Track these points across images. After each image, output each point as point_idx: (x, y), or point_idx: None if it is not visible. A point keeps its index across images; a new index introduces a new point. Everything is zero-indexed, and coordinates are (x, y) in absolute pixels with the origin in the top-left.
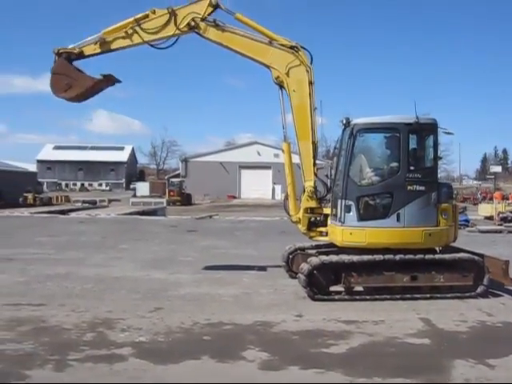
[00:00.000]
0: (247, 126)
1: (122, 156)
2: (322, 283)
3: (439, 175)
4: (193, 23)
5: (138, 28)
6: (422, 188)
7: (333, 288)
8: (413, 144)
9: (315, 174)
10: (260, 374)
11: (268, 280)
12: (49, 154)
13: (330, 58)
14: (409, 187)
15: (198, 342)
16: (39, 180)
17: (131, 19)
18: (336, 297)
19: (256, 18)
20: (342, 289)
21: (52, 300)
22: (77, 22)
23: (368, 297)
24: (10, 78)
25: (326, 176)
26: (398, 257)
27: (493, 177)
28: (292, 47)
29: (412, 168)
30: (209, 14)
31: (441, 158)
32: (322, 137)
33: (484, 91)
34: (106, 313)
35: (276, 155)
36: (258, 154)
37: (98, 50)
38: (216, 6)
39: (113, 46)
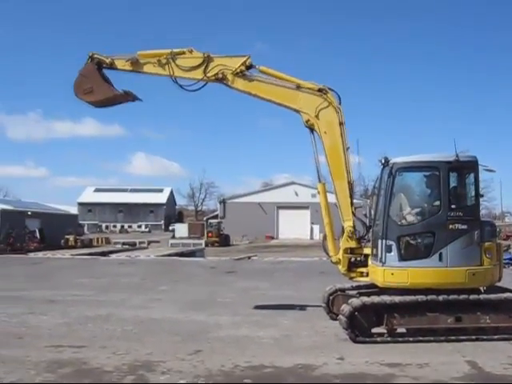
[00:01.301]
0: (284, 167)
1: (161, 198)
2: (363, 325)
3: (481, 213)
4: (221, 75)
5: (171, 60)
6: (464, 227)
7: (375, 330)
8: (453, 182)
9: (353, 214)
10: None
11: (308, 322)
12: (89, 196)
13: (366, 97)
14: (450, 226)
15: None
16: (80, 222)
17: (168, 50)
18: (378, 339)
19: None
20: (385, 330)
21: (93, 342)
22: None
23: (411, 339)
24: (51, 123)
25: (365, 215)
26: (441, 297)
27: None
28: (320, 90)
29: (453, 206)
30: (240, 72)
31: (482, 196)
32: (360, 176)
33: None
34: (146, 355)
35: (313, 195)
36: (296, 194)
37: (129, 68)
38: (250, 67)
39: (143, 69)
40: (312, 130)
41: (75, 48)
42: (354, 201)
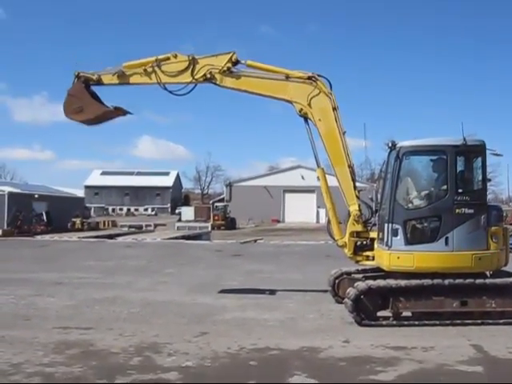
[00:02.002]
0: (290, 150)
1: (168, 181)
2: (369, 308)
3: (487, 197)
4: (209, 75)
5: (157, 68)
6: (471, 211)
7: (380, 313)
8: (460, 166)
9: (358, 197)
10: None
11: (314, 305)
12: (96, 179)
13: (373, 81)
14: (457, 210)
15: (245, 368)
16: (87, 205)
17: (153, 58)
18: (384, 322)
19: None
20: (390, 314)
21: (100, 324)
22: (118, 49)
23: (417, 322)
24: (56, 106)
25: (371, 199)
26: (447, 281)
27: None
28: (309, 78)
29: (460, 190)
30: (227, 69)
31: (489, 180)
32: (366, 160)
33: None
34: (152, 337)
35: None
36: (302, 177)
37: (116, 81)
38: (236, 62)
39: (130, 81)
40: (306, 118)
41: (80, 33)
42: (359, 184)
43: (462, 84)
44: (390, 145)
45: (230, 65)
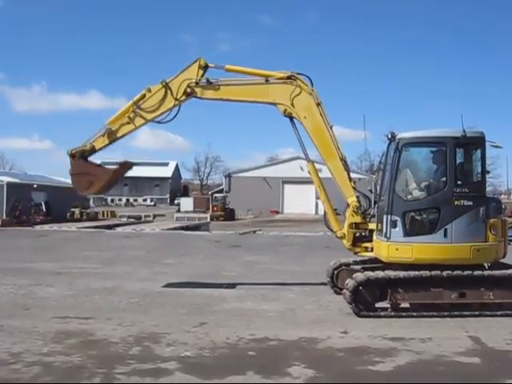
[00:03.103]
0: (289, 141)
1: (167, 172)
2: (367, 299)
3: (487, 189)
4: (189, 90)
5: (138, 110)
6: (470, 203)
7: (379, 304)
8: (460, 158)
9: (354, 188)
10: None
11: (313, 296)
12: None
13: (373, 73)
14: (456, 202)
15: (243, 358)
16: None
17: (130, 103)
18: (382, 313)
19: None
20: (388, 305)
21: (99, 314)
22: (119, 39)
23: (415, 314)
24: (55, 95)
25: (370, 191)
26: (445, 273)
27: None
28: (289, 77)
29: (459, 182)
30: (201, 76)
31: (488, 172)
32: (366, 151)
33: None
34: (151, 327)
35: (319, 170)
36: (301, 168)
37: (107, 141)
38: (206, 67)
39: (119, 134)
40: (292, 118)
41: (79, 22)
42: (358, 176)
43: (462, 75)
44: (390, 136)
45: (201, 71)
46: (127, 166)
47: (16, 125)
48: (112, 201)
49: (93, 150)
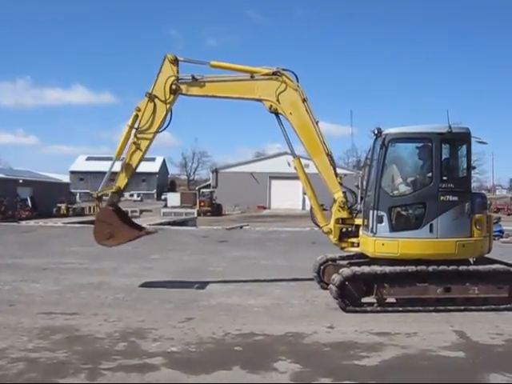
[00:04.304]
0: (277, 137)
1: (154, 167)
2: (353, 294)
3: (472, 185)
4: (174, 87)
5: (139, 134)
6: (455, 198)
7: (365, 299)
8: (445, 154)
9: (340, 184)
10: None
11: (299, 291)
12: (81, 164)
13: (360, 69)
14: (442, 197)
15: (230, 353)
16: (72, 190)
17: (127, 128)
18: (368, 308)
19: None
20: (374, 300)
21: (85, 309)
22: (105, 33)
23: (400, 308)
24: (41, 89)
25: (357, 186)
26: (431, 268)
27: None
28: (274, 73)
29: (445, 178)
30: (177, 71)
31: (474, 168)
32: (353, 147)
33: None
34: (137, 322)
35: (306, 165)
36: (288, 164)
37: (128, 176)
38: (176, 59)
39: (134, 164)
40: (277, 114)
41: (65, 16)
42: (345, 171)
43: (450, 71)
44: (376, 132)
45: (175, 67)
46: (151, 232)
47: (0, 119)
48: None
49: (119, 191)
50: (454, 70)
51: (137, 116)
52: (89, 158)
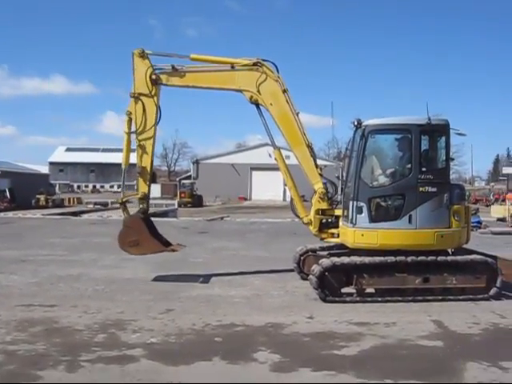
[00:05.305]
0: (258, 128)
1: (134, 157)
2: (333, 285)
3: (451, 176)
4: (154, 77)
5: (139, 136)
6: (434, 189)
7: (344, 290)
8: (424, 145)
9: (321, 175)
10: (271, 376)
11: (279, 282)
12: (61, 155)
13: (341, 59)
14: (421, 188)
15: (210, 344)
16: (51, 182)
17: (125, 136)
18: (347, 298)
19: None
20: (354, 290)
21: (64, 301)
22: (84, 22)
23: (379, 299)
24: (19, 80)
25: (338, 177)
26: (409, 258)
27: (505, 178)
28: (254, 64)
29: (424, 169)
30: (150, 63)
31: (453, 160)
32: (334, 138)
33: (496, 92)
34: (117, 314)
35: (287, 157)
36: (269, 155)
37: (147, 180)
38: (142, 52)
39: (148, 168)
40: (258, 105)
41: (43, 5)
42: (326, 163)
43: (432, 62)
44: (356, 123)
45: (146, 59)
46: (178, 247)
47: None
48: (78, 187)
49: (145, 197)
50: (435, 61)
51: (130, 120)
52: (68, 149)
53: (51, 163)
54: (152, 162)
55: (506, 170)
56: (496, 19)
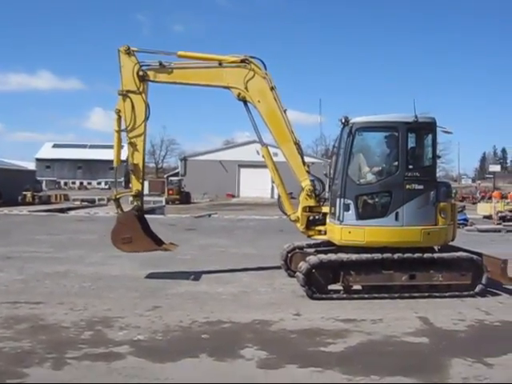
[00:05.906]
0: (246, 125)
1: (122, 154)
2: (320, 282)
3: (438, 174)
4: (141, 73)
5: (129, 134)
6: (421, 187)
7: (331, 287)
8: (411, 143)
9: (308, 172)
10: (258, 373)
11: (266, 279)
12: (48, 152)
13: (329, 57)
14: (407, 186)
15: (197, 341)
16: (38, 178)
17: (115, 134)
18: (334, 295)
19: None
20: (341, 287)
21: (50, 298)
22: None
23: (366, 295)
24: (5, 74)
25: (325, 175)
26: (396, 255)
27: (492, 176)
28: (242, 61)
29: (410, 167)
30: (137, 60)
31: (439, 157)
32: (321, 135)
33: (483, 91)
34: (104, 311)
35: (275, 154)
36: (257, 152)
37: (140, 178)
38: (128, 49)
39: (140, 165)
40: (245, 102)
41: (29, 1)
42: (314, 160)
43: (420, 61)
44: (343, 121)
45: (133, 57)
46: (172, 246)
47: None
48: (65, 184)
49: (139, 194)
50: (422, 59)
51: (119, 118)
52: (55, 146)
53: (38, 160)
54: (144, 158)
55: (493, 168)
56: (483, 16)
